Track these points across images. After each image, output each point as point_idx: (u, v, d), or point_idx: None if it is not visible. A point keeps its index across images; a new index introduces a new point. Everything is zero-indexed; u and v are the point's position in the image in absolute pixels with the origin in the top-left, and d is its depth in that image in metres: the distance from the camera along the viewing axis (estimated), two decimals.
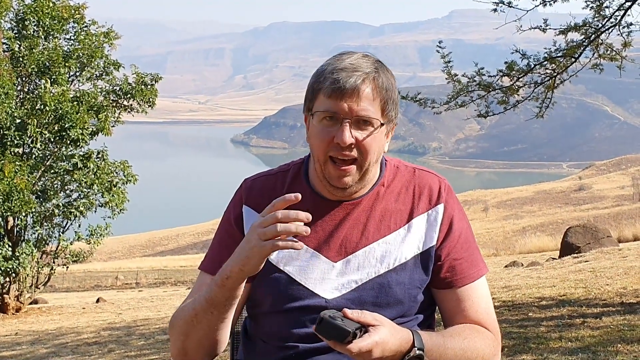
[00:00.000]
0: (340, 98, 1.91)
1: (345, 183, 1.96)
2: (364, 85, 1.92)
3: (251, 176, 2.20)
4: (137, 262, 54.50)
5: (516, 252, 25.06)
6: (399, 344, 1.81)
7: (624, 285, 8.81)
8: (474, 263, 2.07)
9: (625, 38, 9.21)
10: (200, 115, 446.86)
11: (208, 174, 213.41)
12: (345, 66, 1.93)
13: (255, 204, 2.09)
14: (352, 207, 2.04)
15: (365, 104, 1.92)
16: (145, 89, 17.39)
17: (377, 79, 1.95)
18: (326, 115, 1.93)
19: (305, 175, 2.11)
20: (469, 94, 9.66)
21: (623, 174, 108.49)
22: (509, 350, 5.73)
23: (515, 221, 72.28)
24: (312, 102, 1.98)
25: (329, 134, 1.93)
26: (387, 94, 1.96)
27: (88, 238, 17.31)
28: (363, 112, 1.92)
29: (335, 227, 2.03)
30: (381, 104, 1.96)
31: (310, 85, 1.99)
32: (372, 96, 1.93)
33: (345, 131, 1.91)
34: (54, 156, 16.66)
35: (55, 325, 13.95)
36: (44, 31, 16.68)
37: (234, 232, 2.09)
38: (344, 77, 1.91)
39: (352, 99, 1.91)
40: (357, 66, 1.94)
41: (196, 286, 2.11)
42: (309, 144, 2.02)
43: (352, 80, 1.91)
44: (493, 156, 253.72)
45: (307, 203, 2.04)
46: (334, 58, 1.99)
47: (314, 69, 2.03)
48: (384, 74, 1.97)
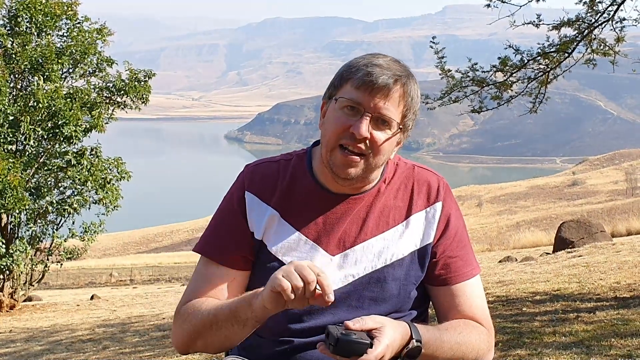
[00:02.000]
0: (368, 91, 1.92)
1: (348, 173, 1.96)
2: (394, 86, 1.94)
3: (253, 162, 2.20)
4: (132, 259, 54.40)
5: (510, 247, 25.05)
6: (401, 338, 1.83)
7: (618, 280, 8.84)
8: (468, 262, 2.09)
9: (618, 33, 9.23)
10: (193, 112, 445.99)
11: (202, 171, 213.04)
12: (380, 64, 1.95)
13: (257, 190, 2.09)
14: (354, 201, 2.05)
15: (390, 104, 1.94)
16: (139, 85, 17.34)
17: (407, 84, 1.96)
18: (349, 104, 1.94)
19: (309, 166, 2.10)
20: (463, 89, 9.68)
21: (616, 168, 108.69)
22: (503, 345, 5.74)
23: (509, 216, 72.37)
24: (338, 89, 1.98)
25: (346, 122, 1.94)
26: (411, 102, 1.99)
27: (82, 235, 17.25)
28: (385, 111, 1.93)
29: (336, 221, 2.04)
30: (404, 110, 1.97)
31: (339, 74, 2.00)
32: (398, 99, 1.95)
33: (363, 123, 1.92)
34: (48, 153, 16.61)
35: (50, 323, 13.92)
36: (37, 28, 16.60)
37: (237, 216, 2.08)
38: (377, 72, 1.92)
39: (380, 96, 1.92)
40: (391, 67, 1.95)
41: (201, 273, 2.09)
42: (322, 129, 2.02)
43: (385, 78, 1.92)
44: (487, 151, 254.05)
45: (310, 194, 2.05)
46: (369, 55, 2.01)
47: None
48: (413, 82, 2.00)
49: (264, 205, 2.07)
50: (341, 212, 2.04)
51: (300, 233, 2.03)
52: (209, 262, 2.08)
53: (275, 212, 2.05)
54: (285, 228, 2.04)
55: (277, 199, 2.07)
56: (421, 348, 1.86)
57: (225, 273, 2.05)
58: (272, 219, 2.04)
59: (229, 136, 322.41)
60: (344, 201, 2.04)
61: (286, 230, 2.05)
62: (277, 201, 2.06)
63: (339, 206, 2.04)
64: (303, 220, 2.05)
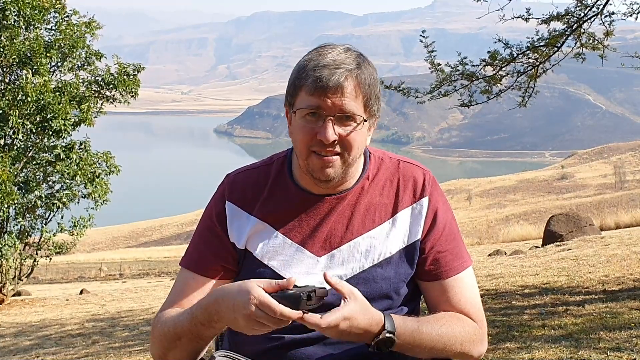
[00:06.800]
0: (323, 95, 1.88)
1: (328, 175, 1.94)
2: (346, 82, 1.89)
3: (233, 171, 2.18)
4: (121, 253, 54.34)
5: (499, 240, 25.11)
6: (368, 324, 1.81)
7: (606, 273, 8.88)
8: (458, 255, 2.07)
9: (607, 27, 9.24)
10: (183, 106, 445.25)
11: (191, 165, 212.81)
12: (327, 63, 1.90)
13: (238, 199, 2.08)
14: (337, 201, 2.03)
15: (348, 100, 1.90)
16: (128, 79, 17.26)
17: (359, 75, 1.92)
18: (308, 111, 1.91)
19: (289, 169, 2.09)
20: (452, 83, 9.68)
21: (605, 162, 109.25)
22: (493, 339, 5.75)
23: (498, 210, 72.65)
24: (294, 97, 1.95)
25: (311, 130, 1.91)
26: (369, 89, 1.94)
27: (71, 229, 17.19)
28: (346, 107, 1.90)
29: (320, 222, 2.02)
30: (364, 100, 1.93)
31: (291, 81, 1.96)
32: (354, 93, 1.91)
33: (328, 128, 1.89)
34: (36, 147, 16.53)
35: (39, 317, 13.89)
36: (25, 21, 16.50)
37: (216, 230, 2.08)
38: (326, 75, 1.88)
39: (336, 96, 1.88)
40: (339, 62, 1.90)
41: (179, 285, 2.12)
42: (292, 138, 2.00)
43: (335, 78, 1.88)
44: (476, 145, 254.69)
45: (292, 198, 2.05)
46: (315, 52, 1.95)
47: (297, 59, 2.01)
48: (366, 69, 1.94)
49: (245, 214, 2.06)
50: (325, 212, 2.03)
51: (284, 237, 2.02)
52: (187, 274, 2.10)
53: (258, 220, 2.04)
54: (269, 233, 2.03)
55: (260, 205, 2.06)
56: (393, 340, 1.84)
57: (205, 283, 2.07)
58: (256, 226, 2.03)
59: (218, 130, 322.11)
60: (327, 201, 2.03)
61: (270, 235, 2.04)
62: (259, 208, 2.06)
63: (322, 207, 2.03)
64: (286, 224, 2.03)
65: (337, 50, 1.94)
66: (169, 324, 1.99)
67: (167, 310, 2.06)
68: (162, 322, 2.03)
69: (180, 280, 2.12)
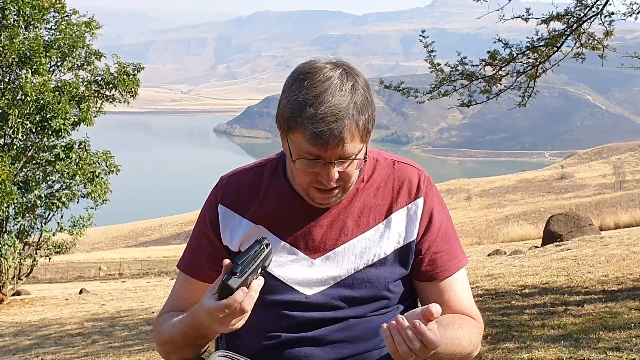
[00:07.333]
0: (324, 148, 1.83)
1: (329, 203, 1.97)
2: (347, 134, 1.82)
3: (227, 173, 2.18)
4: (120, 252, 54.26)
5: (499, 240, 25.10)
6: None
7: (606, 273, 8.88)
8: (454, 255, 2.07)
9: (607, 27, 9.24)
10: (182, 105, 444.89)
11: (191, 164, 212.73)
12: (324, 114, 1.80)
13: (231, 203, 2.08)
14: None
15: (349, 145, 1.84)
16: (128, 78, 17.28)
17: (359, 121, 1.84)
18: (309, 158, 1.87)
19: (283, 171, 2.08)
20: (452, 83, 9.68)
21: (605, 162, 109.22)
22: (492, 339, 5.76)
23: (498, 210, 72.60)
24: (289, 132, 1.88)
25: (312, 173, 1.89)
26: (366, 120, 1.86)
27: (70, 229, 17.21)
28: (347, 152, 1.85)
29: (314, 224, 2.02)
30: (362, 136, 1.87)
31: (286, 115, 1.87)
32: (355, 135, 1.85)
33: (330, 173, 1.87)
34: (36, 147, 16.54)
35: (39, 317, 13.89)
36: (25, 21, 16.51)
37: (209, 235, 2.09)
38: (326, 131, 1.80)
39: (337, 147, 1.83)
40: (336, 110, 1.81)
41: (176, 288, 2.16)
42: (289, 166, 1.98)
43: (336, 134, 1.81)
44: (476, 145, 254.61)
45: (286, 200, 2.04)
46: (309, 93, 1.83)
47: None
48: (360, 94, 1.86)
49: (238, 217, 2.06)
50: (319, 214, 2.02)
51: (279, 239, 2.02)
52: (185, 277, 2.14)
53: (251, 223, 2.04)
54: (263, 235, 2.01)
55: (254, 208, 2.06)
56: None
57: (201, 286, 2.08)
58: (250, 229, 2.03)
59: (218, 130, 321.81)
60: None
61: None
62: (253, 210, 2.05)
63: (317, 209, 2.02)
64: (281, 226, 2.03)
65: (330, 89, 1.83)
66: (166, 332, 2.04)
67: (164, 316, 2.10)
68: (160, 329, 2.07)
69: (178, 284, 2.16)
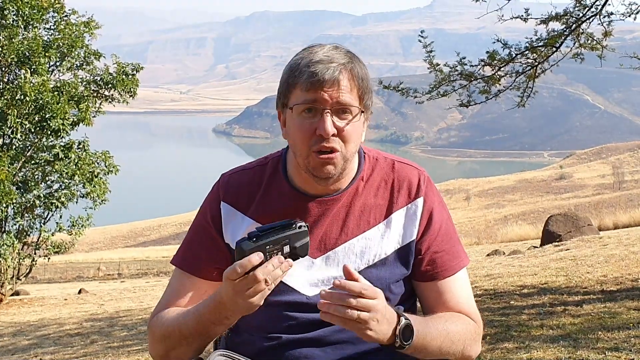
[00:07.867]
0: (319, 89, 1.90)
1: (328, 172, 1.95)
2: (342, 76, 1.92)
3: (228, 171, 2.19)
4: (119, 252, 54.23)
5: (498, 240, 25.10)
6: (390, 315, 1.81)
7: (605, 273, 8.89)
8: (455, 255, 2.07)
9: (606, 27, 9.26)
10: (182, 105, 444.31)
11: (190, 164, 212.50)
12: (320, 59, 1.92)
13: (233, 200, 2.09)
14: (331, 202, 2.03)
15: (344, 92, 1.92)
16: (127, 78, 17.28)
17: (353, 69, 1.95)
18: (306, 107, 1.92)
19: (284, 170, 2.09)
20: (451, 83, 9.70)
21: (603, 162, 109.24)
22: (491, 339, 5.76)
23: (497, 210, 72.58)
24: (288, 96, 1.96)
25: (310, 127, 1.92)
26: (363, 83, 1.96)
27: (69, 229, 17.21)
28: (343, 99, 1.92)
29: (315, 224, 2.02)
30: (359, 93, 1.95)
31: (284, 81, 1.97)
32: (350, 86, 1.93)
33: (326, 121, 1.90)
34: (35, 147, 16.53)
35: (37, 317, 13.88)
36: (24, 21, 16.51)
37: (211, 232, 2.09)
38: (321, 69, 1.90)
39: (332, 89, 1.90)
40: (331, 58, 1.93)
41: (174, 285, 2.13)
42: (288, 139, 2.01)
43: (330, 72, 1.90)
44: (475, 145, 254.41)
45: (286, 199, 2.05)
46: (306, 51, 1.98)
47: None
48: (357, 64, 1.97)
49: (240, 215, 2.06)
50: (320, 213, 2.02)
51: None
52: (182, 274, 2.11)
53: (252, 221, 2.05)
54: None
55: (255, 206, 2.06)
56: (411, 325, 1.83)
57: (198, 284, 2.08)
58: (251, 227, 2.02)
59: (217, 130, 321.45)
60: (322, 203, 2.03)
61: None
62: (254, 209, 2.06)
63: (317, 208, 2.03)
64: None
65: (326, 48, 1.97)
66: (172, 324, 2.00)
67: (166, 311, 2.06)
68: (162, 322, 2.03)
69: (175, 281, 2.13)
